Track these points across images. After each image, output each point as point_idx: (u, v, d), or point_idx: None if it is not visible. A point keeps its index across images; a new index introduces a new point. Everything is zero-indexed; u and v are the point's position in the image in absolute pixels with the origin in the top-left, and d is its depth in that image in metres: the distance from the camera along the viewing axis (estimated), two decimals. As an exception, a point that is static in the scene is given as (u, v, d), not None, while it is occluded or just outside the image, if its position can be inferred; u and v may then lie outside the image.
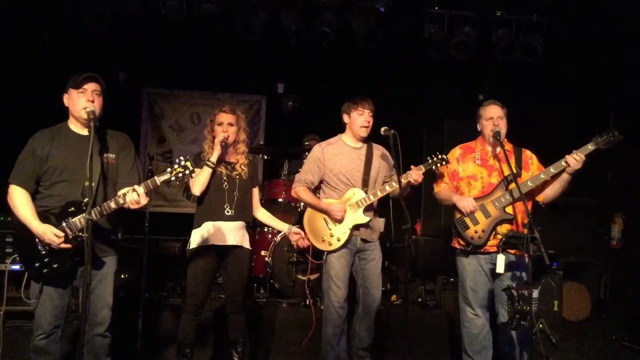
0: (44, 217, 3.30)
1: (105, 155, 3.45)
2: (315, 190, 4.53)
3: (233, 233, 4.12)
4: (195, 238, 4.09)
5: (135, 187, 3.22)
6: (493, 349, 4.15)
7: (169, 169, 3.19)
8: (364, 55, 6.57)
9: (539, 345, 4.85)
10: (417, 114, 7.68)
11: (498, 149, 4.09)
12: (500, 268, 3.82)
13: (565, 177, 3.90)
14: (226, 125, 4.13)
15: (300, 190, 4.43)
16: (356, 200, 4.24)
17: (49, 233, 3.22)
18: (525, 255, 3.56)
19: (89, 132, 3.24)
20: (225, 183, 4.14)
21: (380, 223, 5.41)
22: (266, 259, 5.79)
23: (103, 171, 3.41)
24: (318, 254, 4.70)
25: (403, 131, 4.03)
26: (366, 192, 4.26)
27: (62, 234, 3.23)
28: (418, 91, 7.81)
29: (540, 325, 5.49)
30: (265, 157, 6.93)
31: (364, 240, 4.31)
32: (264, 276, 5.85)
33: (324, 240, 4.29)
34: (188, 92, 8.12)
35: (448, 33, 6.34)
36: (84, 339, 3.19)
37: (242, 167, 4.22)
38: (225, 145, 4.08)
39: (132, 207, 3.22)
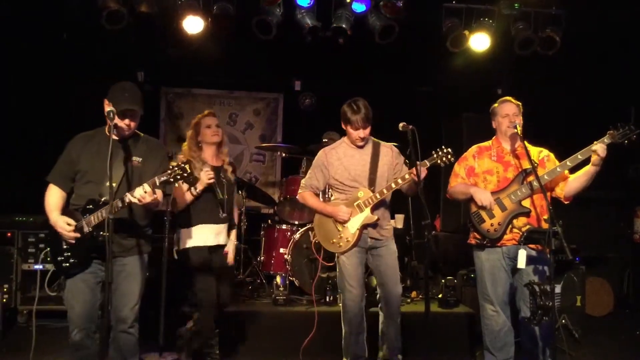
0: (70, 214, 3.51)
1: (132, 158, 3.60)
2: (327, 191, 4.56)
3: (223, 233, 4.40)
4: (188, 238, 4.28)
5: (144, 185, 3.34)
6: (515, 345, 4.13)
7: (168, 170, 3.31)
8: (380, 51, 6.54)
9: (562, 341, 4.83)
10: (434, 108, 7.64)
11: (517, 144, 4.06)
12: (521, 263, 3.80)
13: (591, 169, 3.84)
14: (215, 128, 4.38)
15: (306, 196, 4.46)
16: (363, 200, 4.22)
17: (60, 222, 3.44)
18: (547, 250, 3.52)
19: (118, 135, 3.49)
20: (218, 188, 4.29)
21: (396, 220, 5.38)
22: (285, 256, 5.80)
23: (127, 173, 3.56)
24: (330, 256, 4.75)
25: (421, 126, 4.01)
26: (373, 191, 4.22)
27: (73, 223, 3.43)
28: (435, 86, 7.76)
29: (563, 321, 5.46)
30: (284, 154, 6.94)
31: (373, 238, 4.30)
32: (283, 273, 5.87)
33: (333, 243, 4.31)
34: (205, 91, 8.17)
35: (465, 27, 6.29)
36: (106, 335, 3.35)
37: (226, 166, 4.45)
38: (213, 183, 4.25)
39: (141, 202, 3.34)
